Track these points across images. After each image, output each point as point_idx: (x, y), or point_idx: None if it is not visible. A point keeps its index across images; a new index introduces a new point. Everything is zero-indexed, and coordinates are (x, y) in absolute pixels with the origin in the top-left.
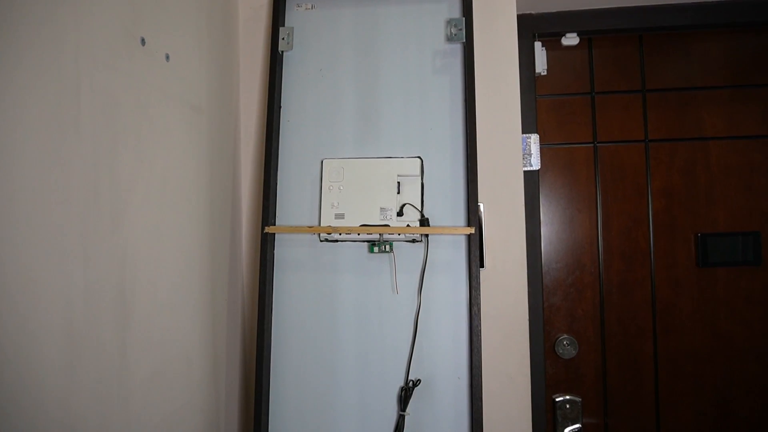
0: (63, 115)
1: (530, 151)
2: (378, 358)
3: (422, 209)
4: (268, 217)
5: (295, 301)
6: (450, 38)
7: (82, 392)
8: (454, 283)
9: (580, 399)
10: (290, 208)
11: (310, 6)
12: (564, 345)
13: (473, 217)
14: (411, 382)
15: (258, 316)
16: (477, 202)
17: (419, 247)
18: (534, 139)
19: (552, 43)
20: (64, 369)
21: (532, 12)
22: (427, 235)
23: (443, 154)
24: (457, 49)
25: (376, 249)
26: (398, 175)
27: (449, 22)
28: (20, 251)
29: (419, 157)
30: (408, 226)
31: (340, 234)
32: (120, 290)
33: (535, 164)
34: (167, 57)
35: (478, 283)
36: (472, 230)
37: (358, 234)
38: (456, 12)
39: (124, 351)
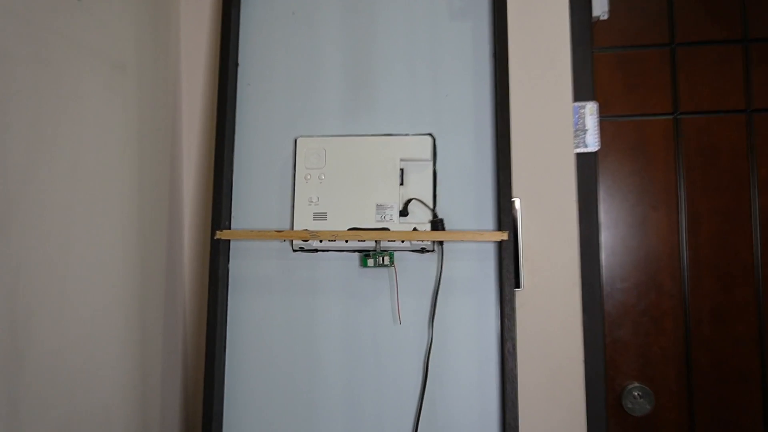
0: None
1: (585, 125)
2: (374, 413)
3: (435, 207)
4: (221, 218)
5: (259, 334)
6: None
7: None
8: (479, 310)
9: None
10: (251, 206)
11: None
12: (634, 397)
13: (506, 217)
14: None
15: (206, 357)
16: (511, 196)
17: (431, 260)
18: (590, 110)
19: None
20: None
21: None
22: (441, 243)
23: (464, 131)
24: None
25: (371, 262)
26: (401, 160)
27: None
28: None
29: (430, 135)
30: (415, 230)
31: (320, 241)
32: (10, 320)
33: (592, 144)
34: None
35: (513, 310)
36: (505, 236)
37: (346, 241)
38: None
39: (15, 405)
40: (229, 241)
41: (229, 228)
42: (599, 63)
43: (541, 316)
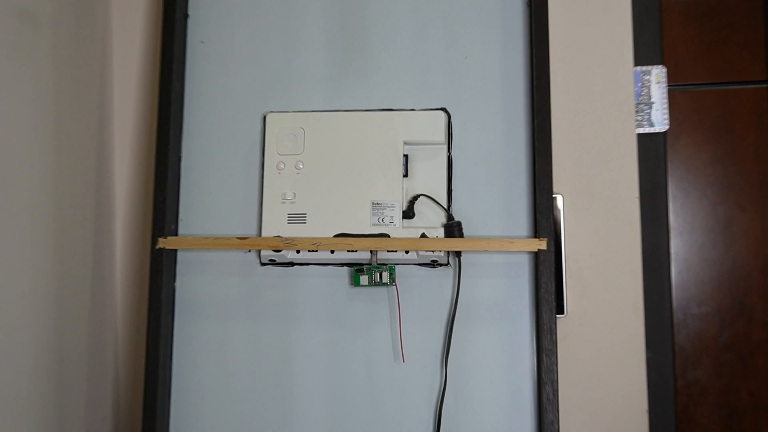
0: None
1: (649, 97)
2: None
3: (450, 206)
4: (164, 221)
5: (215, 375)
6: None
7: None
8: (509, 344)
9: None
10: (206, 205)
11: None
12: None
13: (544, 220)
14: None
15: (144, 405)
16: (551, 192)
17: (444, 276)
18: (657, 76)
19: None
20: None
21: None
22: (458, 254)
23: (488, 104)
24: None
25: (365, 279)
26: (405, 144)
27: None
28: None
29: (444, 110)
30: (423, 236)
31: (298, 251)
32: None
33: (659, 122)
34: None
35: (555, 344)
36: (543, 244)
37: (332, 251)
38: None
39: None
40: (175, 251)
41: (176, 234)
42: (669, 15)
43: (592, 352)
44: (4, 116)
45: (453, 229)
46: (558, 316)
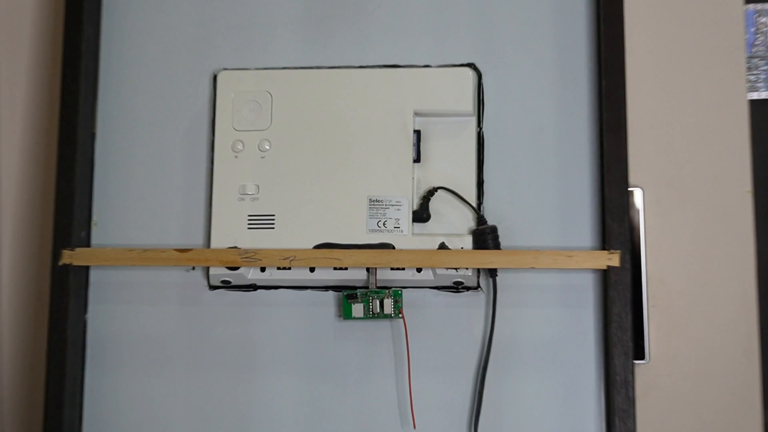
0: None
1: (766, 48)
2: None
3: (481, 203)
4: (71, 227)
5: None
6: None
7: None
8: (565, 403)
9: None
10: (130, 203)
11: None
12: None
13: (617, 224)
14: None
15: None
16: (627, 184)
17: (473, 304)
18: None
19: None
20: None
21: None
22: (493, 274)
23: (535, 59)
24: None
25: (358, 309)
26: (416, 114)
27: None
28: None
29: (472, 66)
30: (443, 247)
31: (263, 269)
32: None
33: None
34: None
35: (632, 403)
36: (616, 259)
37: (312, 269)
38: None
39: None
40: (86, 269)
41: (88, 245)
42: None
43: (685, 414)
44: None
45: (485, 237)
46: (637, 362)
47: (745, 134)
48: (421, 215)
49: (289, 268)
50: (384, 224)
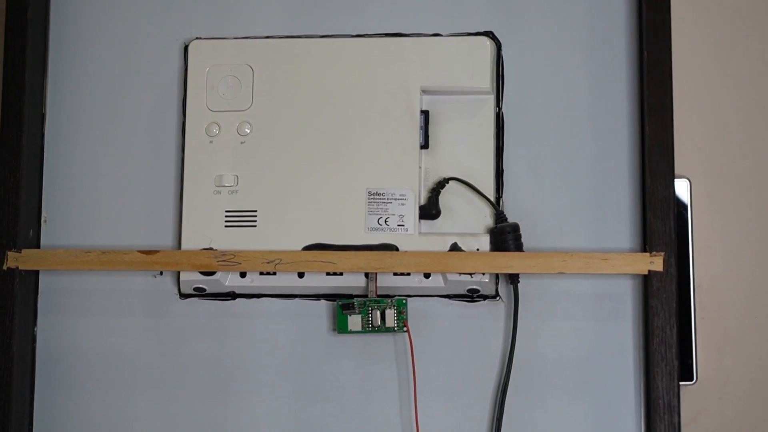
0: None
1: None
2: None
3: (500, 197)
4: (17, 225)
5: None
6: None
7: None
8: (597, 429)
9: None
10: (85, 197)
11: None
12: None
13: (660, 222)
14: None
15: None
16: (672, 174)
17: (490, 316)
18: None
19: None
20: None
21: None
22: (515, 280)
23: (563, 27)
24: None
25: (355, 321)
26: (423, 92)
27: None
28: None
29: (490, 35)
30: (455, 248)
31: (243, 274)
32: None
33: None
34: None
35: (678, 431)
36: (659, 263)
37: (301, 275)
38: None
39: None
40: (36, 274)
41: (37, 245)
42: None
43: None
44: None
45: (505, 236)
46: (683, 384)
47: None
48: (430, 211)
49: (274, 273)
50: (386, 222)
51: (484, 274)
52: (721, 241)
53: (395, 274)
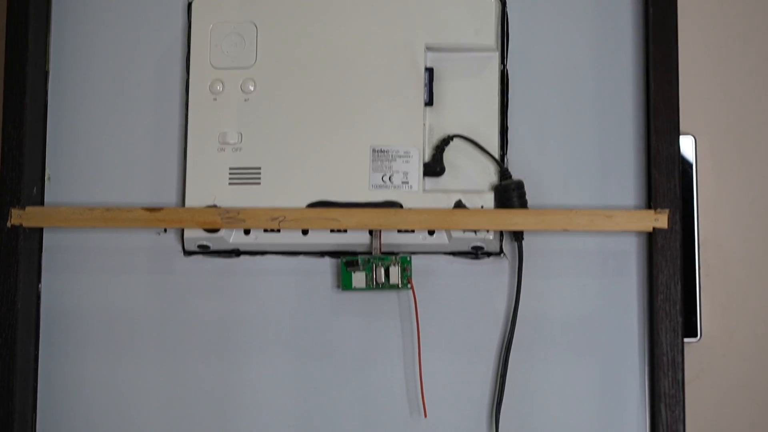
0: None
1: None
2: None
3: (504, 154)
4: (20, 182)
5: None
6: None
7: None
8: (602, 387)
9: None
10: (88, 155)
11: None
12: None
13: (665, 179)
14: None
15: None
16: (677, 131)
17: (494, 273)
18: None
19: None
20: None
21: None
22: (519, 237)
23: None
24: None
25: (360, 278)
26: (428, 49)
27: None
28: None
29: None
30: (459, 204)
31: (247, 231)
32: None
33: None
34: None
35: (681, 388)
36: (663, 220)
37: (305, 232)
38: None
39: None
40: (40, 231)
41: (41, 203)
42: None
43: (743, 401)
44: None
45: (510, 193)
46: (687, 340)
47: None
48: (434, 168)
49: (278, 231)
50: (390, 179)
51: (488, 231)
52: (726, 199)
53: (399, 231)
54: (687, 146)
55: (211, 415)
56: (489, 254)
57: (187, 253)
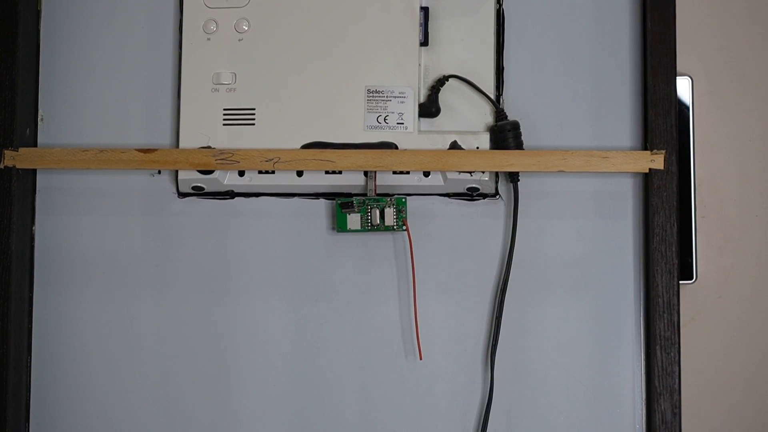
0: None
1: None
2: None
3: (500, 94)
4: (13, 122)
5: (101, 377)
6: None
7: None
8: (598, 329)
9: None
10: (82, 95)
11: None
12: None
13: (661, 120)
14: None
15: None
16: (674, 71)
17: (490, 214)
18: None
19: None
20: None
21: None
22: (515, 178)
23: None
24: None
25: (354, 220)
26: None
27: None
28: None
29: None
30: (455, 146)
31: (241, 173)
32: None
33: None
34: None
35: (677, 330)
36: (659, 161)
37: (300, 173)
38: None
39: None
40: (33, 173)
41: (34, 144)
42: None
43: (738, 343)
44: None
45: (506, 134)
46: (683, 283)
47: None
48: (429, 109)
49: (273, 172)
50: (385, 120)
51: (483, 172)
52: (723, 140)
53: (394, 172)
54: (684, 87)
55: (206, 356)
56: (484, 196)
57: (182, 194)
